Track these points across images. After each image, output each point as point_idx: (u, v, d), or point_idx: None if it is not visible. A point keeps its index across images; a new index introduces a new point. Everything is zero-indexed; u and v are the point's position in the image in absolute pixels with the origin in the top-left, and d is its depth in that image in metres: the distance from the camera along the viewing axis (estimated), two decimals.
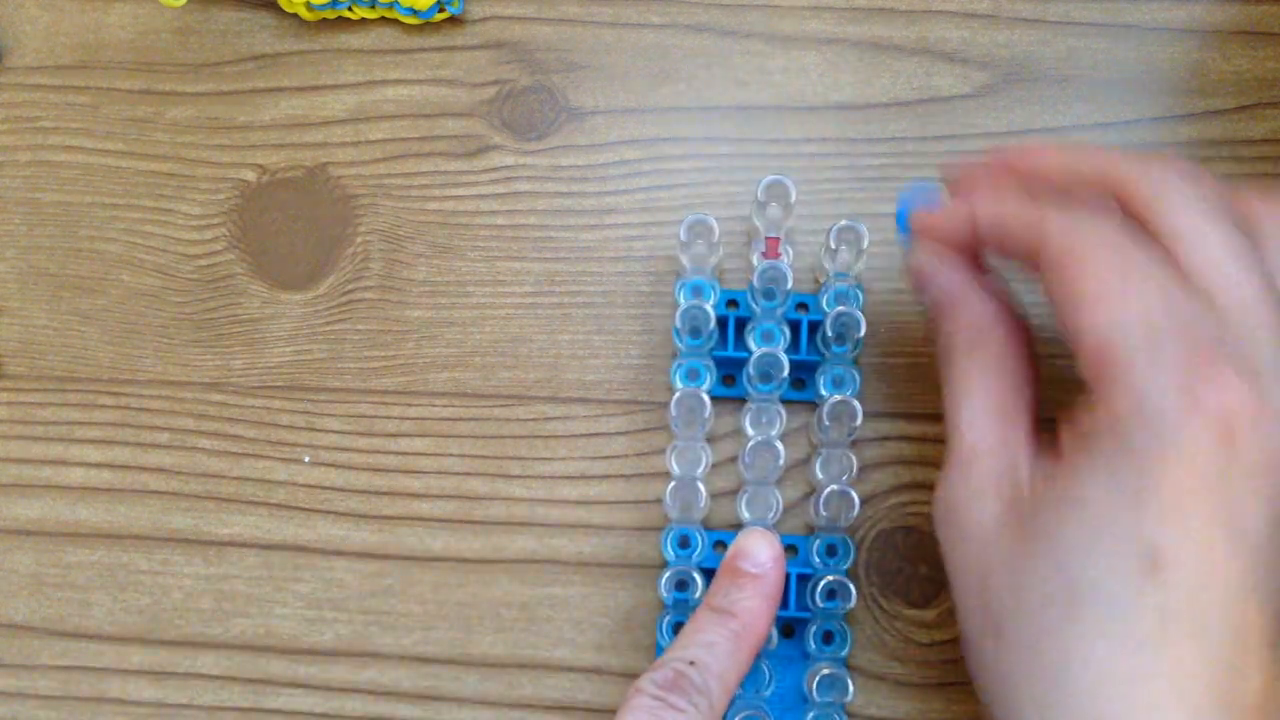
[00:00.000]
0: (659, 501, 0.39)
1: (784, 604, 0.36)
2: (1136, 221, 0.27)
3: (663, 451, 0.39)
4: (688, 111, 0.42)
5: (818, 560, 0.37)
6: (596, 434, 0.40)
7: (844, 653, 0.36)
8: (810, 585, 0.36)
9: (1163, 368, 0.25)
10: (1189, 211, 0.27)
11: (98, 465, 0.40)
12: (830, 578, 0.36)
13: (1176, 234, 0.27)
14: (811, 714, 0.36)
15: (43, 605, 0.40)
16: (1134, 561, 0.25)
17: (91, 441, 0.40)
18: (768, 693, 0.36)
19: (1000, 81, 0.41)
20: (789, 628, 0.37)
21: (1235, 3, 0.42)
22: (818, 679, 0.35)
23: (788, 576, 0.36)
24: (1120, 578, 0.25)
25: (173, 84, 0.43)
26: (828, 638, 0.36)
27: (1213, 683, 0.25)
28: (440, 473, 0.40)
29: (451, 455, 0.40)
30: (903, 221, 0.32)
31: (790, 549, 0.38)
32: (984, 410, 0.29)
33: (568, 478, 0.39)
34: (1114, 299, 0.26)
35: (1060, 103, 0.41)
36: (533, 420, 0.40)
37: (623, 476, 0.39)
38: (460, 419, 0.40)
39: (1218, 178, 0.28)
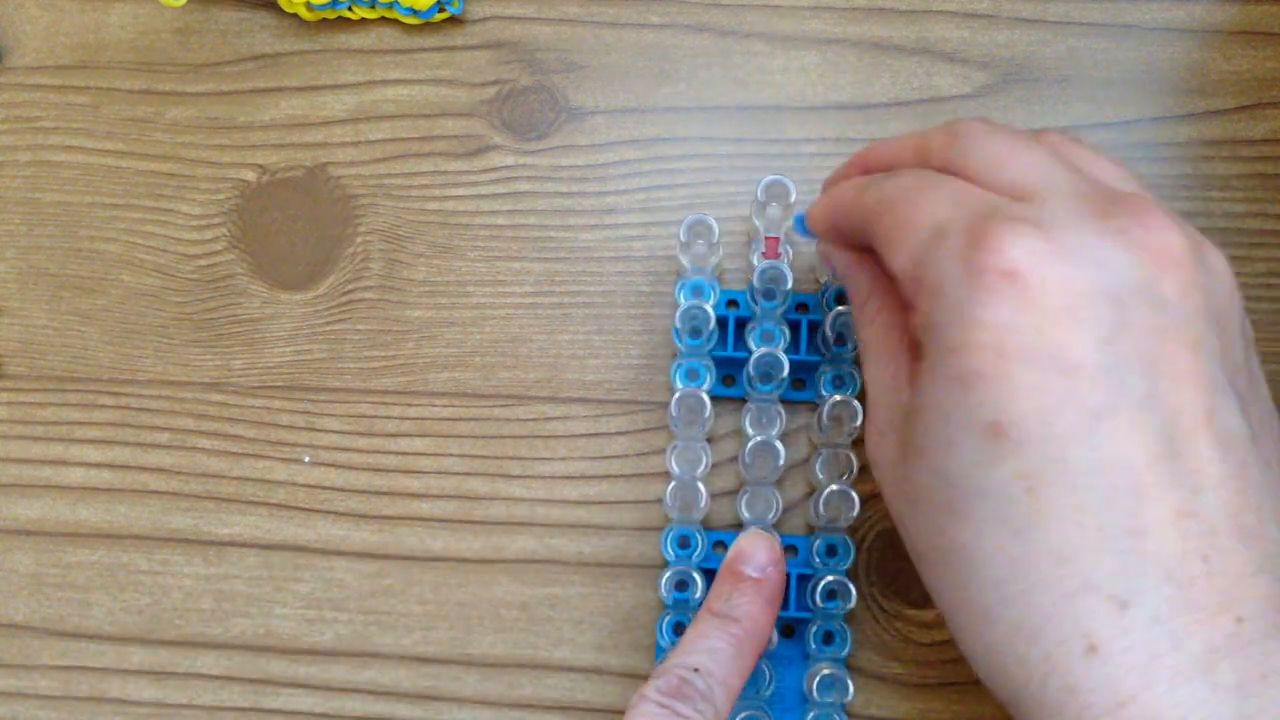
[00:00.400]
0: (659, 501, 0.39)
1: (784, 604, 0.36)
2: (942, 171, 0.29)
3: (663, 451, 0.39)
4: (688, 111, 0.42)
5: (818, 560, 0.37)
6: (596, 434, 0.40)
7: (844, 653, 0.36)
8: (810, 585, 0.36)
9: (947, 255, 0.26)
10: (975, 140, 0.28)
11: (98, 465, 0.40)
12: (830, 578, 0.36)
13: (967, 159, 0.28)
14: (811, 714, 0.36)
15: (43, 605, 0.40)
16: (981, 440, 0.25)
17: (91, 441, 0.40)
18: (768, 693, 0.36)
19: (1000, 81, 0.41)
20: (789, 628, 0.37)
21: (1235, 3, 0.42)
22: (818, 679, 0.35)
23: (788, 577, 0.36)
24: (977, 462, 0.25)
25: (173, 84, 0.43)
26: (828, 638, 0.36)
27: (1104, 530, 0.24)
28: (440, 473, 0.40)
29: (451, 455, 0.40)
30: (799, 222, 0.35)
31: (790, 549, 0.38)
32: (874, 364, 0.31)
33: (568, 478, 0.39)
34: (909, 223, 0.27)
35: (1060, 103, 0.41)
36: (533, 420, 0.40)
37: (623, 476, 0.39)
38: (460, 419, 0.40)
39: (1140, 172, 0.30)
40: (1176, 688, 0.23)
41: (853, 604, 0.36)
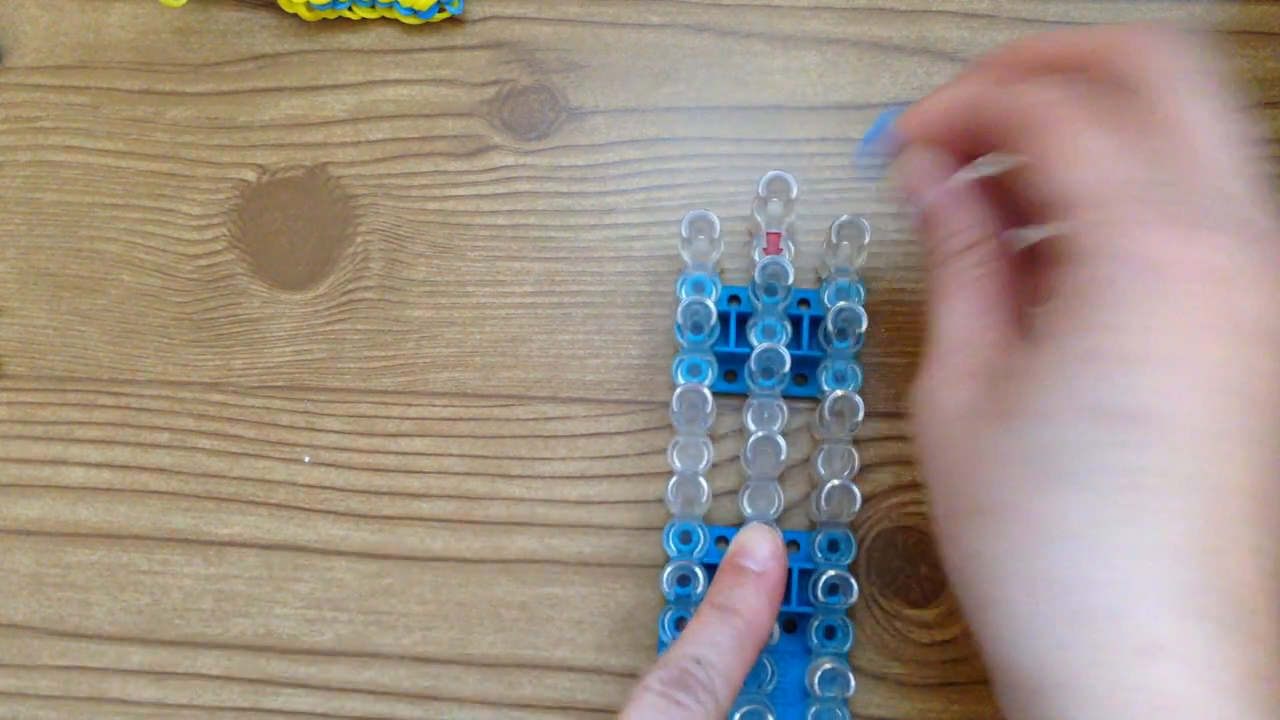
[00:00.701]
0: (660, 501, 0.39)
1: (786, 599, 0.36)
2: (1121, 91, 0.27)
3: (663, 451, 0.39)
4: (688, 111, 0.42)
5: (819, 555, 0.37)
6: (597, 434, 0.40)
7: (846, 647, 0.36)
8: (812, 580, 0.36)
9: (1149, 224, 0.24)
10: (1171, 78, 0.26)
11: (98, 465, 0.40)
12: (832, 573, 0.36)
13: (1160, 99, 0.26)
14: (814, 709, 0.36)
15: (43, 605, 0.40)
16: (1102, 424, 0.24)
17: (91, 441, 0.40)
18: (770, 688, 0.36)
19: None
20: (791, 623, 0.37)
21: (1235, 3, 0.42)
22: (819, 674, 0.35)
23: (789, 572, 0.36)
24: (1089, 444, 0.24)
25: (173, 84, 0.43)
26: (829, 632, 0.36)
27: (1188, 539, 0.23)
28: (440, 473, 0.40)
29: (451, 455, 0.40)
30: (878, 130, 0.32)
31: (792, 544, 0.38)
32: (965, 310, 0.29)
33: (568, 478, 0.39)
34: (1094, 156, 0.25)
35: None
36: (533, 420, 0.40)
37: (623, 476, 0.39)
38: (460, 419, 0.40)
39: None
40: (1225, 703, 0.22)
41: (854, 599, 0.36)
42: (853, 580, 0.36)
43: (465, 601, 0.39)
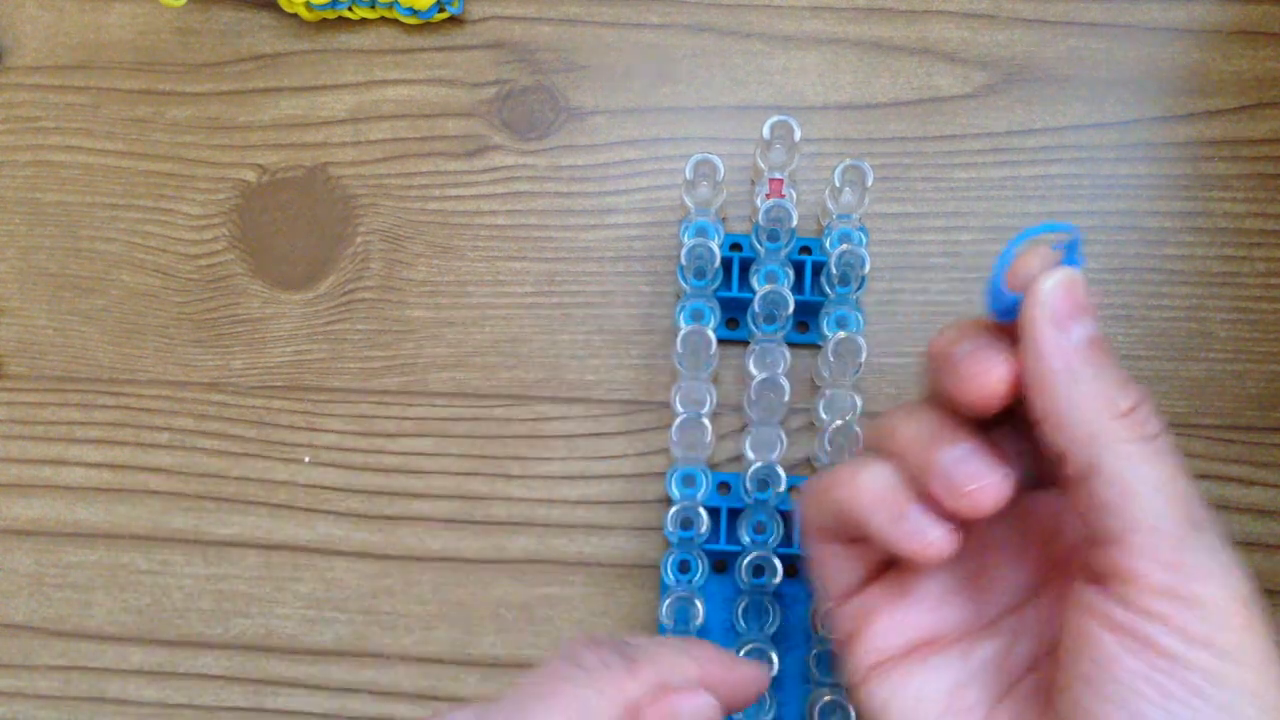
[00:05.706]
0: (659, 501, 0.39)
1: (788, 543, 0.36)
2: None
3: (663, 452, 0.39)
4: (688, 111, 0.42)
5: None
6: (596, 434, 0.40)
7: None
8: None
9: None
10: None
11: (98, 465, 0.40)
12: None
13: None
14: (815, 650, 0.36)
15: (43, 605, 0.40)
16: None
17: (91, 441, 0.40)
18: (772, 630, 0.36)
19: (1000, 81, 0.41)
20: (792, 567, 0.37)
21: (1235, 3, 0.42)
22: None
23: (788, 514, 0.36)
24: None
25: (173, 84, 0.43)
26: None
27: None
28: (440, 473, 0.40)
29: (451, 455, 0.40)
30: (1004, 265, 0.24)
31: (794, 490, 0.38)
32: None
33: (568, 478, 0.39)
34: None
35: (1060, 103, 0.41)
36: (533, 420, 0.40)
37: (623, 476, 0.39)
38: (460, 419, 0.40)
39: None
40: None
41: None
42: None
43: (465, 602, 0.39)
